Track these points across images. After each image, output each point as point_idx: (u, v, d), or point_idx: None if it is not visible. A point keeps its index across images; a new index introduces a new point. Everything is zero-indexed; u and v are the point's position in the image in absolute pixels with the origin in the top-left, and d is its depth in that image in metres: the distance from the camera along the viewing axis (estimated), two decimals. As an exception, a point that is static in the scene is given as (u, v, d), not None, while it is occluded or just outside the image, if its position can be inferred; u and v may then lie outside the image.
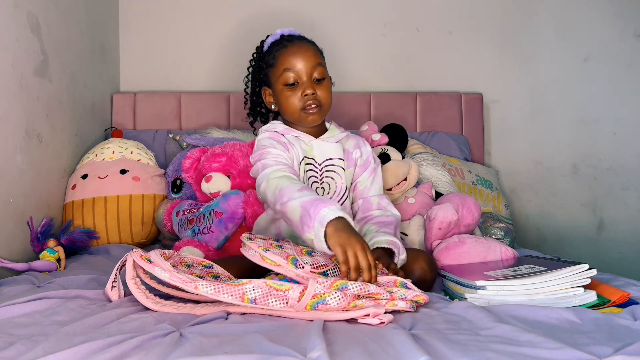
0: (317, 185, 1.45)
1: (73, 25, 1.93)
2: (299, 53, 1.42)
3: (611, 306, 1.11)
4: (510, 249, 1.44)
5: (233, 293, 1.00)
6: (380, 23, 2.41)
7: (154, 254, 1.09)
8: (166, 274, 1.03)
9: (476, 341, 0.87)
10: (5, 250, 1.50)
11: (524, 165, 2.43)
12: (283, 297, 1.00)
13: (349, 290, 1.02)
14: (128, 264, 1.09)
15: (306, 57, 1.42)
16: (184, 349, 0.81)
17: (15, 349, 0.82)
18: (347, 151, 1.51)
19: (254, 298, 1.00)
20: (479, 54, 2.42)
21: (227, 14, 2.38)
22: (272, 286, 1.00)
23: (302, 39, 1.47)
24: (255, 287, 1.00)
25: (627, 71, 2.41)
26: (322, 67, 1.44)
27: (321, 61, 1.45)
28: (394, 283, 1.12)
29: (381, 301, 1.04)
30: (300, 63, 1.41)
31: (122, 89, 2.38)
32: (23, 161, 1.59)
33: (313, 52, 1.44)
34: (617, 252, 2.39)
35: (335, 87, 1.56)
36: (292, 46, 1.44)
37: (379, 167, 1.55)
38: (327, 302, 0.99)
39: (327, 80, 1.46)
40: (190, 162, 1.84)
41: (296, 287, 1.00)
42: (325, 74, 1.44)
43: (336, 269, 1.14)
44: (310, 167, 1.46)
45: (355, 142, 1.54)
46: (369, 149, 1.55)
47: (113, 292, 1.12)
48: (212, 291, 1.00)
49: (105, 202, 1.80)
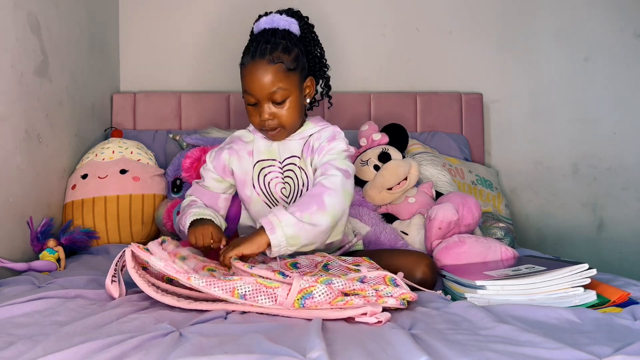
0: (281, 184, 1.43)
1: (73, 25, 1.93)
2: (256, 77, 1.32)
3: (611, 306, 1.11)
4: (510, 249, 1.44)
5: (224, 287, 1.02)
6: (380, 23, 2.41)
7: (152, 243, 1.12)
8: (161, 262, 1.05)
9: (476, 341, 0.87)
10: (5, 250, 1.50)
11: (524, 165, 2.43)
12: (272, 295, 1.02)
13: (333, 284, 1.05)
14: (127, 255, 1.10)
15: (263, 83, 1.32)
16: (183, 348, 0.81)
17: (15, 348, 0.82)
18: (310, 144, 1.43)
19: (243, 293, 1.02)
20: (479, 54, 2.42)
21: (227, 14, 2.38)
22: (262, 284, 1.03)
23: (265, 52, 1.32)
24: (245, 283, 1.03)
25: (627, 71, 2.41)
26: (283, 90, 1.32)
27: (282, 84, 1.32)
28: (382, 279, 1.12)
29: (369, 298, 1.05)
30: (256, 87, 1.33)
31: (122, 89, 2.38)
32: (23, 161, 1.59)
33: (273, 74, 1.32)
34: (617, 252, 2.39)
35: (335, 87, 1.55)
36: (251, 66, 1.33)
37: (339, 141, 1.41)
38: (313, 296, 1.01)
39: (292, 100, 1.35)
40: (190, 162, 1.84)
41: (284, 285, 1.03)
42: (287, 95, 1.34)
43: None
44: (270, 168, 1.44)
45: (319, 133, 1.44)
46: (328, 133, 1.43)
47: (113, 286, 1.11)
48: (203, 284, 1.02)
49: (105, 202, 1.80)
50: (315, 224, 1.23)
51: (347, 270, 1.21)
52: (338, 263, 1.26)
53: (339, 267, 1.24)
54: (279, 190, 1.43)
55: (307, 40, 1.42)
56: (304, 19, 1.43)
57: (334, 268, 1.24)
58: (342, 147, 1.40)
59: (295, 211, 1.23)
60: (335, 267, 1.25)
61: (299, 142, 1.44)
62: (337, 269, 1.24)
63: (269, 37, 1.35)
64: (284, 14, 1.41)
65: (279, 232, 1.20)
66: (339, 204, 1.29)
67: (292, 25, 1.39)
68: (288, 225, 1.21)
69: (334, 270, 1.23)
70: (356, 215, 1.69)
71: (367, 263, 1.26)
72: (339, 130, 1.45)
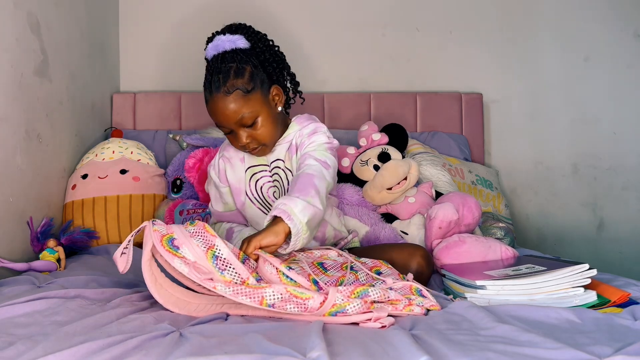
0: (270, 186, 1.44)
1: (73, 25, 1.93)
2: (219, 111, 1.32)
3: (611, 306, 1.11)
4: (510, 249, 1.44)
5: (252, 296, 0.99)
6: (380, 23, 2.41)
7: (179, 230, 1.05)
8: (185, 268, 1.01)
9: (476, 341, 0.87)
10: (5, 250, 1.50)
11: (524, 165, 2.43)
12: (302, 305, 0.99)
13: (369, 297, 1.03)
14: (146, 237, 1.04)
15: (227, 115, 1.32)
16: (184, 349, 0.81)
17: (15, 348, 0.82)
18: (294, 144, 1.44)
19: (272, 303, 0.98)
20: (479, 54, 2.42)
21: (228, 14, 2.38)
22: (292, 293, 0.99)
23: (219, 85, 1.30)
24: (275, 292, 0.99)
25: (627, 71, 2.41)
26: (249, 113, 1.31)
27: (245, 109, 1.31)
28: (409, 289, 1.12)
29: (398, 306, 1.05)
30: (223, 120, 1.33)
31: (122, 89, 2.38)
32: (23, 161, 1.59)
33: (233, 103, 1.30)
34: (617, 252, 2.39)
35: (335, 87, 1.55)
36: (211, 102, 1.33)
37: (320, 133, 1.41)
38: (346, 312, 0.99)
39: (262, 118, 1.34)
40: (193, 162, 1.84)
41: (317, 296, 0.99)
42: (255, 116, 1.33)
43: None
44: (261, 172, 1.45)
45: (300, 131, 1.43)
46: (309, 129, 1.42)
47: (122, 259, 1.06)
48: (230, 292, 0.99)
49: (105, 202, 1.80)
50: (317, 207, 1.21)
51: (371, 279, 1.19)
52: (359, 265, 1.25)
53: (362, 272, 1.22)
54: (271, 193, 1.44)
55: (258, 50, 1.38)
56: (248, 30, 1.39)
57: (360, 271, 1.23)
58: (322, 140, 1.39)
59: (299, 196, 1.20)
60: (358, 269, 1.23)
61: (284, 145, 1.44)
62: (362, 272, 1.22)
63: (219, 66, 1.32)
64: (227, 33, 1.37)
65: (295, 219, 1.16)
66: (324, 189, 1.27)
67: (238, 42, 1.35)
68: (301, 211, 1.17)
69: (361, 274, 1.21)
70: (356, 215, 1.69)
71: (385, 267, 1.26)
72: (322, 125, 1.44)
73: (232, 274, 1.02)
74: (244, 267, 1.03)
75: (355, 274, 1.20)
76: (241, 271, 1.03)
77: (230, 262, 1.03)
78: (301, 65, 2.39)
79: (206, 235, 1.06)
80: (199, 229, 1.07)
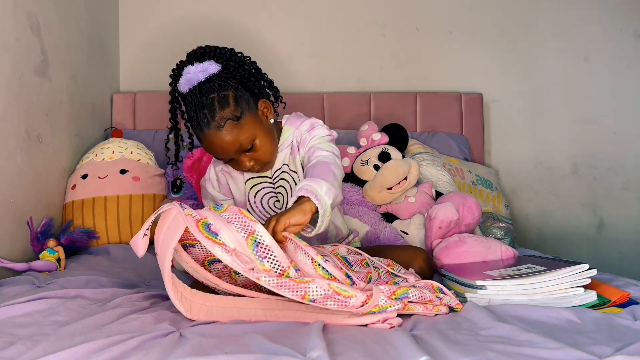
0: (273, 197, 1.43)
1: (73, 25, 1.93)
2: (216, 146, 1.28)
3: (611, 306, 1.11)
4: (510, 249, 1.44)
5: (295, 290, 0.95)
6: (380, 23, 2.41)
7: (213, 215, 0.97)
8: (227, 256, 0.93)
9: (476, 341, 0.87)
10: (5, 250, 1.50)
11: (524, 165, 2.43)
12: (343, 302, 0.96)
13: (409, 298, 1.03)
14: (174, 223, 0.96)
15: (225, 147, 1.28)
16: (184, 349, 0.81)
17: (15, 348, 0.82)
18: (294, 145, 1.42)
19: (314, 299, 0.95)
20: (479, 54, 2.42)
21: (228, 14, 2.38)
22: (335, 290, 0.96)
23: (208, 122, 1.26)
24: (318, 288, 0.95)
25: (627, 71, 2.41)
26: (245, 139, 1.28)
27: (241, 136, 1.27)
28: (432, 287, 1.12)
29: (428, 306, 1.05)
30: (223, 152, 1.30)
31: (122, 89, 2.38)
32: (23, 161, 1.59)
33: (228, 135, 1.27)
34: (617, 252, 2.39)
35: (335, 87, 1.55)
36: (206, 140, 1.29)
37: (316, 128, 1.39)
38: (386, 311, 0.99)
39: (259, 138, 1.30)
40: (191, 162, 1.84)
41: (360, 295, 0.97)
42: (252, 139, 1.29)
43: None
44: (261, 185, 1.43)
45: (298, 130, 1.41)
46: (306, 126, 1.40)
47: (144, 241, 0.99)
48: (274, 284, 0.94)
49: (105, 202, 1.80)
50: (338, 191, 1.20)
51: (390, 277, 1.19)
52: (376, 262, 1.24)
53: (382, 269, 1.22)
54: (271, 204, 1.43)
55: (232, 69, 1.32)
56: (215, 52, 1.33)
57: (380, 268, 1.22)
58: (323, 133, 1.37)
59: (322, 179, 1.17)
60: (378, 266, 1.22)
61: (285, 151, 1.42)
62: (382, 270, 1.21)
63: (200, 100, 1.27)
64: (195, 62, 1.32)
65: (322, 200, 1.13)
66: (340, 177, 1.26)
67: (210, 69, 1.30)
68: (326, 193, 1.14)
69: (381, 271, 1.20)
70: (356, 214, 1.69)
71: (397, 267, 1.26)
72: (317, 119, 1.42)
73: (273, 263, 0.97)
74: (285, 256, 0.98)
75: (377, 270, 1.19)
76: (282, 260, 0.97)
77: (272, 249, 0.97)
78: (301, 65, 2.40)
79: (245, 221, 0.98)
80: (233, 214, 0.99)
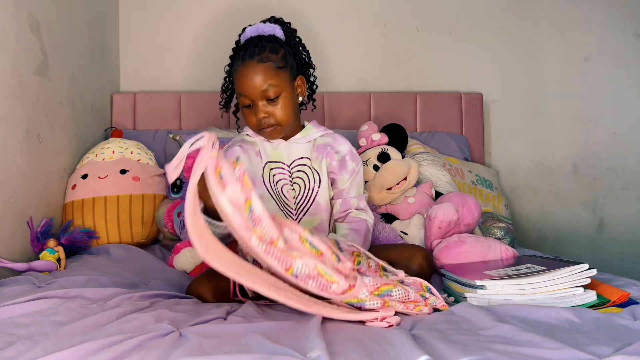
0: (289, 186, 1.46)
1: (73, 25, 1.93)
2: (248, 78, 1.38)
3: (611, 306, 1.11)
4: (510, 249, 1.44)
5: (282, 260, 0.95)
6: (380, 23, 2.41)
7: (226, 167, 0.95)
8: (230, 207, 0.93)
9: (476, 341, 0.87)
10: (5, 250, 1.50)
11: (524, 165, 2.43)
12: (324, 285, 0.97)
13: (392, 297, 1.03)
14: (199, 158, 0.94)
15: (255, 82, 1.38)
16: (183, 349, 0.81)
17: (15, 348, 0.82)
18: (321, 147, 1.50)
19: (297, 274, 0.95)
20: (479, 54, 2.42)
21: (228, 14, 2.38)
22: (320, 272, 0.96)
23: (254, 54, 1.38)
24: (304, 265, 0.95)
25: (627, 71, 2.41)
26: (275, 87, 1.38)
27: (273, 81, 1.38)
28: (420, 286, 1.12)
29: (409, 305, 1.05)
30: (250, 87, 1.38)
31: (122, 89, 2.38)
32: (23, 161, 1.59)
33: (263, 73, 1.37)
34: (617, 252, 2.39)
35: (335, 87, 1.56)
36: (242, 69, 1.39)
37: (360, 168, 1.51)
38: (364, 306, 0.99)
39: (284, 97, 1.41)
40: (192, 162, 1.83)
41: (342, 282, 0.98)
42: (279, 92, 1.39)
43: None
44: (278, 170, 1.47)
45: (332, 140, 1.51)
46: (347, 148, 1.51)
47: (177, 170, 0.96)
48: (263, 249, 0.94)
49: (105, 202, 1.80)
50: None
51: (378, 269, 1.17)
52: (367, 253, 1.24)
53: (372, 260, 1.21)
54: (286, 191, 1.46)
55: (292, 43, 1.48)
56: (286, 25, 1.50)
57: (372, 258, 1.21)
58: (352, 167, 1.49)
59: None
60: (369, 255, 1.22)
61: (307, 145, 1.50)
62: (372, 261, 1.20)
63: (256, 42, 1.41)
64: (267, 22, 1.48)
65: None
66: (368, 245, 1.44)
67: (277, 31, 1.46)
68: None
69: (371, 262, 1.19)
70: (356, 215, 1.69)
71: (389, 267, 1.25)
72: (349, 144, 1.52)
73: (262, 232, 0.96)
74: (275, 228, 0.97)
75: (368, 260, 1.19)
76: (272, 231, 0.96)
77: (262, 220, 0.96)
78: (301, 65, 2.41)
79: (245, 184, 0.97)
80: (240, 175, 0.97)
